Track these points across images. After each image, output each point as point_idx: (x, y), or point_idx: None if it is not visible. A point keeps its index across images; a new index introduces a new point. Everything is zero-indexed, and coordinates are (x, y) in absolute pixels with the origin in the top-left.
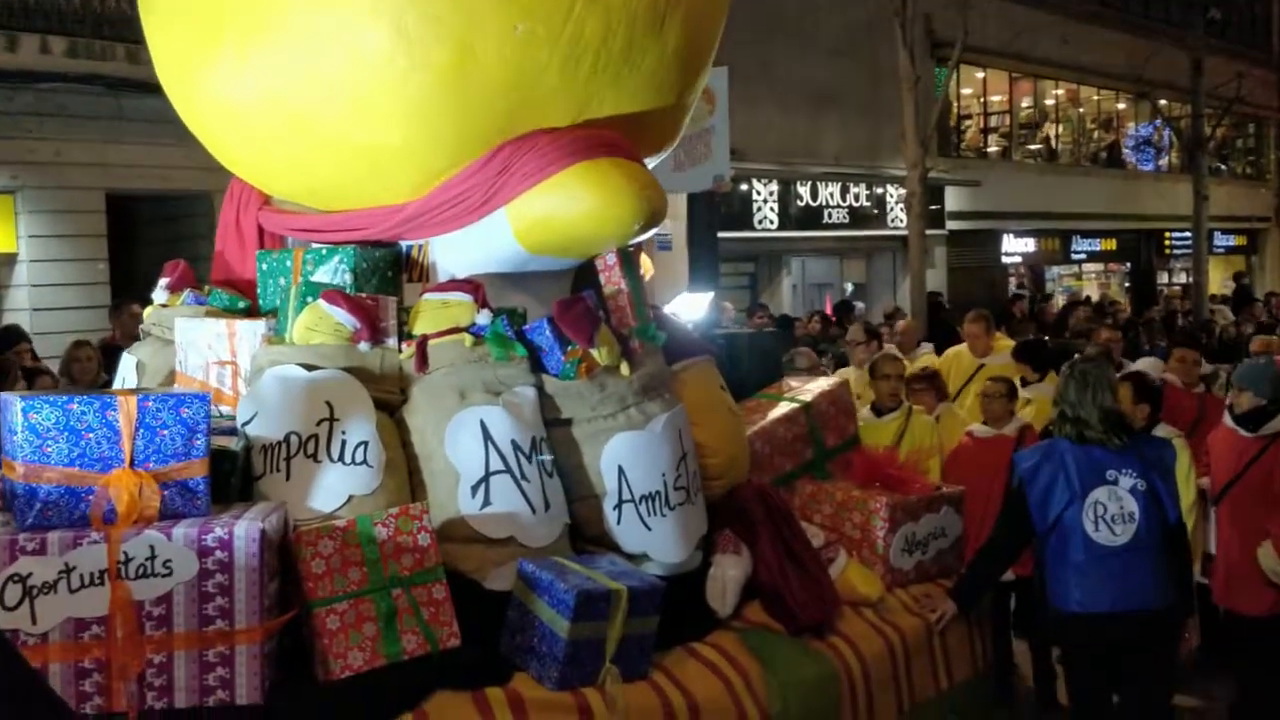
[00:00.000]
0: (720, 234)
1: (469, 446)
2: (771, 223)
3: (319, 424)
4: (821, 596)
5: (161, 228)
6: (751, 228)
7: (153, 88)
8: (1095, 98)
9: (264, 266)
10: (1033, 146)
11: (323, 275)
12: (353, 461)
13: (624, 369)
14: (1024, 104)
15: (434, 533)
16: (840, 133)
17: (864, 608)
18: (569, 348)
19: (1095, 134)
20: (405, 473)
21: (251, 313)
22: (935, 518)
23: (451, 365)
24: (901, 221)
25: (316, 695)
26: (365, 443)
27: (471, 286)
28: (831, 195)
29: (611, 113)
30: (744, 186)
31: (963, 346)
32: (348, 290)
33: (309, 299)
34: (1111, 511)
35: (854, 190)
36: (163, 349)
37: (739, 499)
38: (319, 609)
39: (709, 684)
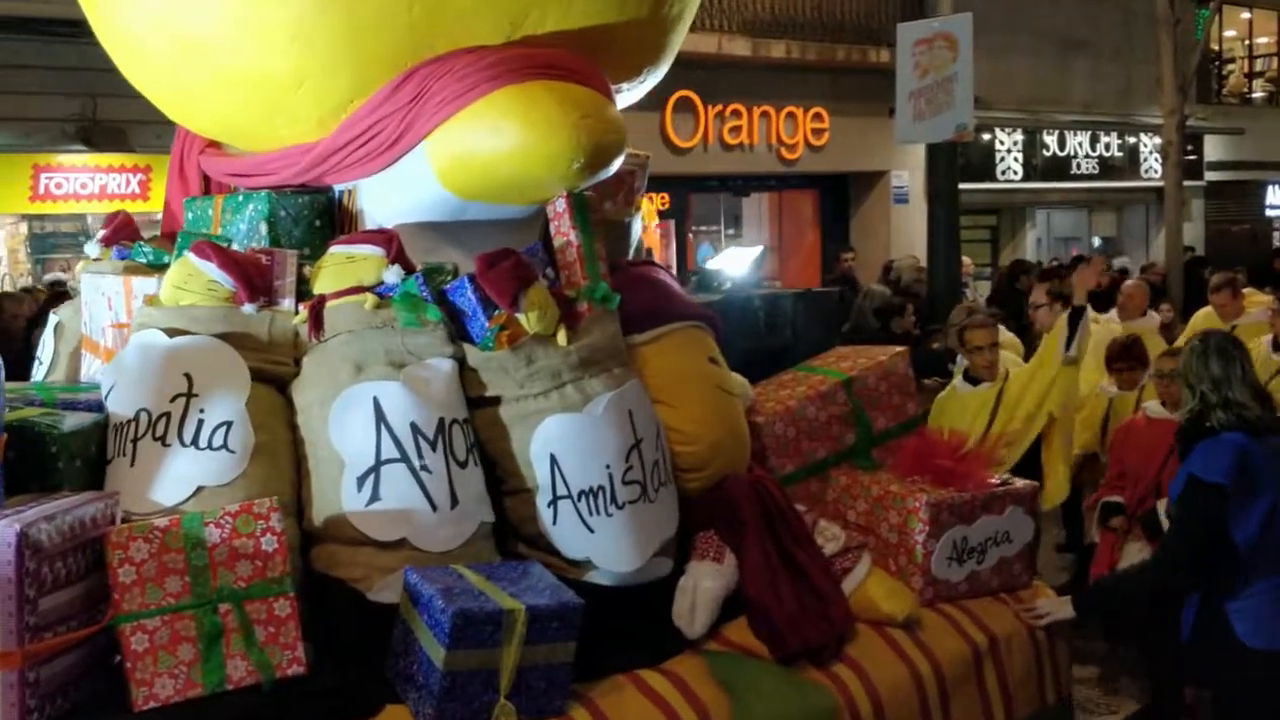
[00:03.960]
0: (961, 185)
1: (358, 429)
2: (1016, 174)
3: (173, 400)
4: (825, 614)
5: None
6: (994, 179)
7: None
8: None
9: (189, 215)
10: None
11: (240, 224)
12: (208, 446)
13: (561, 337)
14: None
15: (284, 535)
16: (1090, 79)
17: (891, 628)
18: (494, 312)
19: None
20: (286, 460)
21: None
22: (995, 520)
23: (350, 332)
24: (1156, 172)
25: None
26: (228, 423)
27: (384, 238)
28: (1080, 144)
29: (558, 28)
30: (987, 136)
31: (1211, 310)
32: (262, 242)
33: (185, 252)
34: None
35: (1104, 139)
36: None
37: (725, 495)
38: (124, 625)
39: None
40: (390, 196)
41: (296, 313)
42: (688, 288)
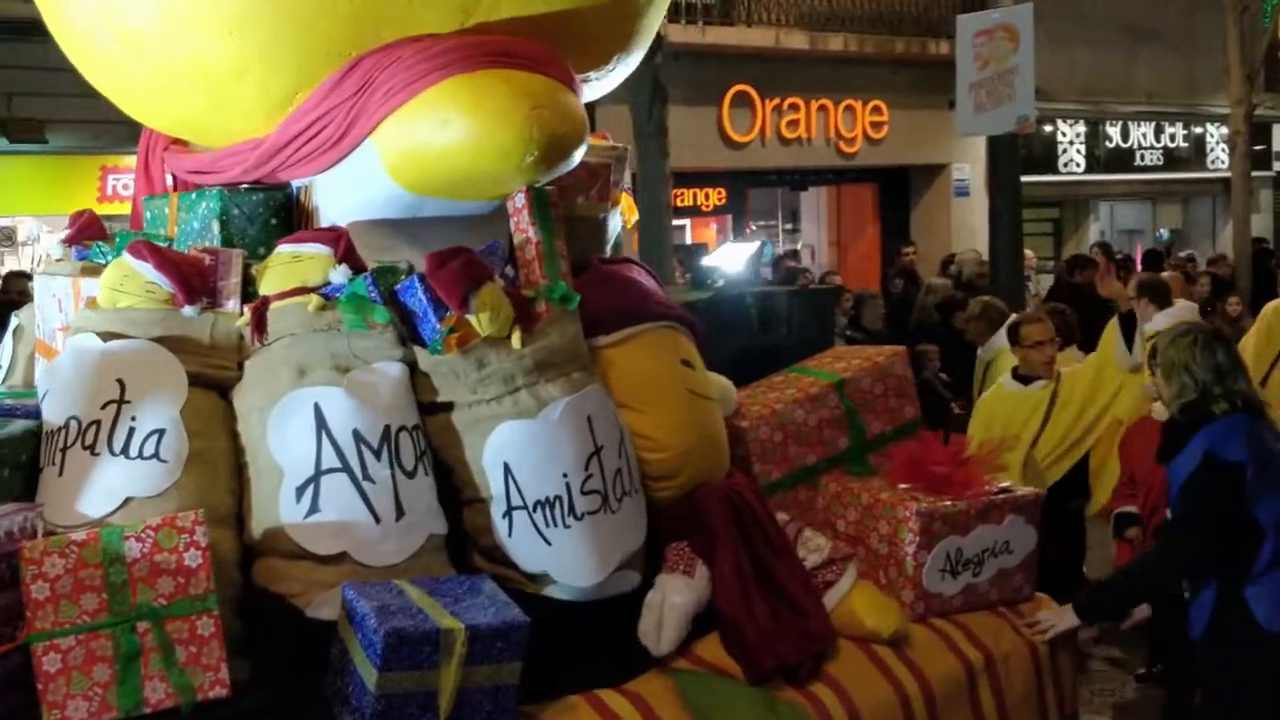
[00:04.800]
0: (1023, 178)
1: (297, 437)
2: (1078, 166)
3: (104, 407)
4: (803, 630)
5: None
6: (1056, 171)
7: None
8: None
9: (148, 214)
10: None
11: (194, 223)
12: (139, 455)
13: (515, 340)
14: None
15: (209, 550)
16: (1154, 68)
17: (877, 645)
18: (445, 313)
19: None
20: (224, 469)
21: None
22: (993, 530)
23: (293, 335)
24: (1223, 163)
25: None
26: (160, 431)
27: (332, 236)
28: (1144, 135)
29: (514, 14)
30: (1048, 128)
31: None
32: (214, 241)
33: (122, 252)
34: None
35: (1169, 130)
36: None
37: (697, 504)
38: (36, 644)
39: None
40: (343, 193)
41: (241, 314)
42: (680, 284)
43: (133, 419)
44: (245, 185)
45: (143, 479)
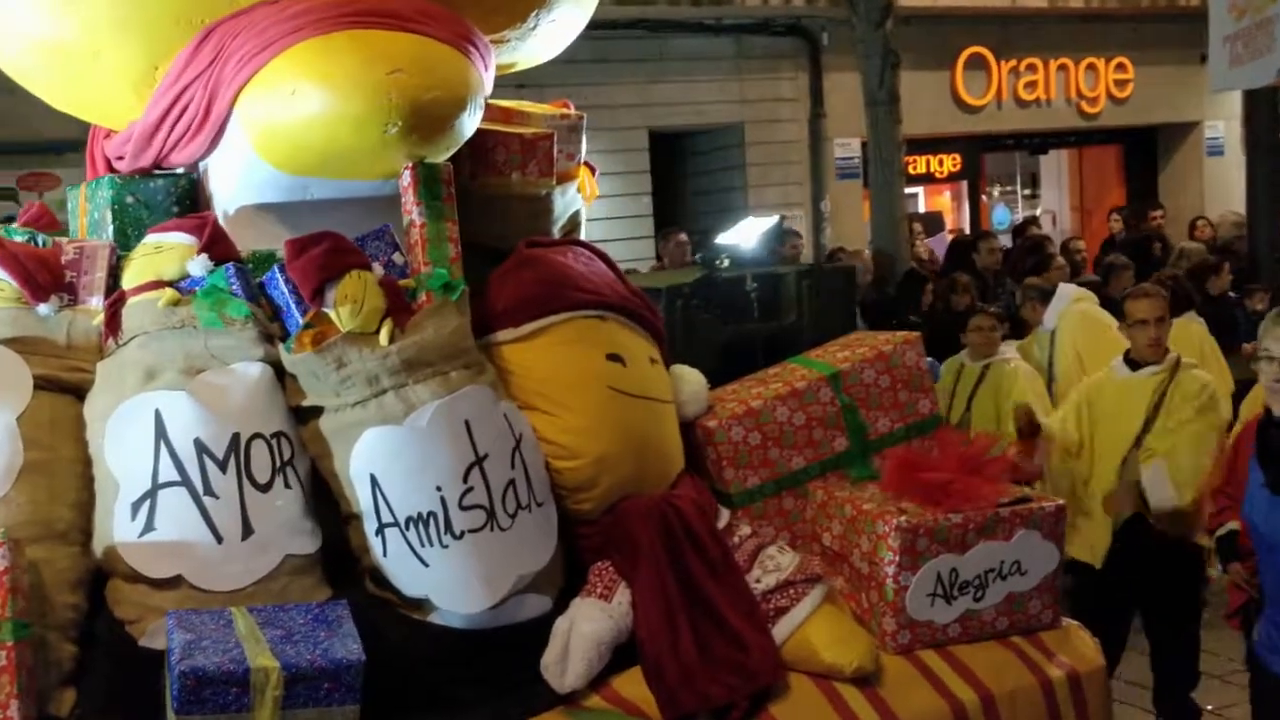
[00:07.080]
0: None
1: (135, 447)
2: None
3: None
4: (739, 666)
5: (699, 160)
6: None
7: (691, 27)
8: None
9: (70, 205)
10: None
11: (94, 213)
12: None
13: (383, 336)
14: None
15: (8, 573)
16: None
17: (840, 683)
18: (306, 307)
19: None
20: (67, 481)
21: None
22: (999, 547)
23: (146, 333)
24: None
25: None
26: None
27: (197, 224)
28: None
29: None
30: None
31: None
32: (107, 231)
33: None
34: None
35: None
36: None
37: (620, 519)
38: None
39: None
40: (229, 176)
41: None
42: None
43: None
44: (149, 171)
45: None
